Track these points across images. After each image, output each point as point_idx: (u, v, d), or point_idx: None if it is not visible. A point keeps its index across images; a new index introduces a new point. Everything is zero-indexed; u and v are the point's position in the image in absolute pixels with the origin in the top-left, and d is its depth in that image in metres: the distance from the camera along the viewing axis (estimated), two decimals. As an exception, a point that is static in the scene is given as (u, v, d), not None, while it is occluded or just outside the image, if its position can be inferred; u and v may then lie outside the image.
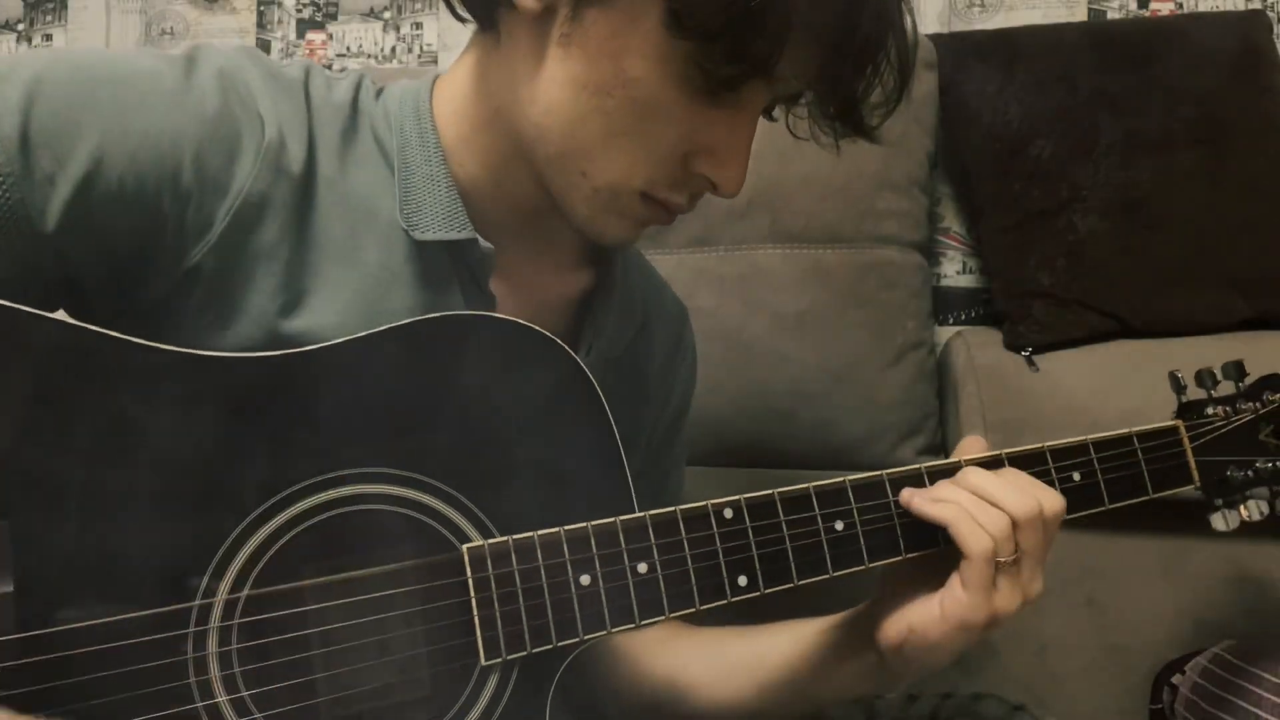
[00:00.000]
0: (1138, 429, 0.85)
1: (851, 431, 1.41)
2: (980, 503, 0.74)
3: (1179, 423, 0.88)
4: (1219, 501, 0.89)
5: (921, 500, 0.75)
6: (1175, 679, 1.20)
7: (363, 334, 0.67)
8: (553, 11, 0.68)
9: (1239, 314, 1.38)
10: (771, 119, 0.76)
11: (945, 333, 1.55)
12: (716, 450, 1.36)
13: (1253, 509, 0.88)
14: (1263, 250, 1.38)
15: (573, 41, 0.67)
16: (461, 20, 0.76)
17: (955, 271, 1.59)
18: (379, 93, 0.79)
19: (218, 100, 0.68)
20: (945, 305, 1.59)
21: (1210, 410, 0.90)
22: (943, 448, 1.47)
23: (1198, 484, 0.87)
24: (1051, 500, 0.75)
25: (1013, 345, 1.44)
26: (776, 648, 0.87)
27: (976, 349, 1.45)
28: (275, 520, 0.63)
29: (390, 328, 0.67)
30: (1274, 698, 1.03)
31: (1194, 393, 0.92)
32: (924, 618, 0.74)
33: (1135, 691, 1.28)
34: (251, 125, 0.69)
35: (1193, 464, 0.87)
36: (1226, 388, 0.90)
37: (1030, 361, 1.40)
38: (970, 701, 0.95)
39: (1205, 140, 1.39)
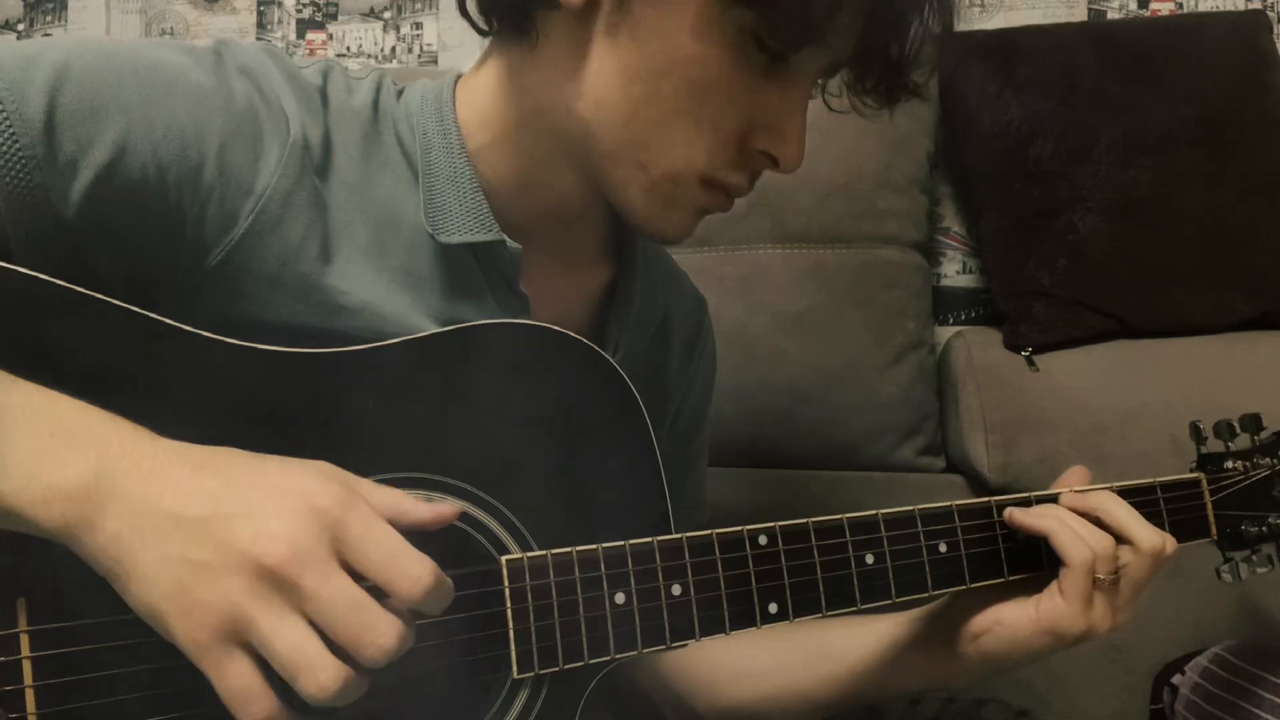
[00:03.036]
0: (1162, 479, 0.86)
1: (851, 431, 1.41)
2: (1079, 518, 0.76)
3: (1201, 475, 0.89)
4: (1230, 554, 0.91)
5: (1023, 514, 0.77)
6: (1175, 679, 1.20)
7: (406, 338, 0.66)
8: (596, 5, 0.67)
9: (1239, 314, 1.39)
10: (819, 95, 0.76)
11: (945, 333, 1.55)
12: (716, 450, 1.34)
13: (1258, 562, 0.90)
14: (1262, 251, 1.39)
15: (621, 30, 0.67)
16: (483, 33, 0.75)
17: (955, 271, 1.59)
18: (400, 93, 0.77)
19: (244, 97, 0.67)
20: (945, 305, 1.59)
21: (1229, 464, 0.91)
22: (942, 448, 1.48)
23: (1215, 537, 0.89)
24: (1174, 543, 0.79)
25: (1013, 345, 1.44)
26: (843, 641, 0.87)
27: (976, 349, 1.45)
28: None
29: (434, 333, 0.67)
30: (1275, 698, 1.03)
31: (1213, 444, 0.93)
32: (1016, 615, 0.76)
33: (1135, 691, 1.28)
34: (277, 123, 0.68)
35: (1211, 517, 0.89)
36: (1243, 440, 0.92)
37: (1030, 361, 1.40)
38: (973, 706, 0.95)
39: (1205, 140, 1.40)
